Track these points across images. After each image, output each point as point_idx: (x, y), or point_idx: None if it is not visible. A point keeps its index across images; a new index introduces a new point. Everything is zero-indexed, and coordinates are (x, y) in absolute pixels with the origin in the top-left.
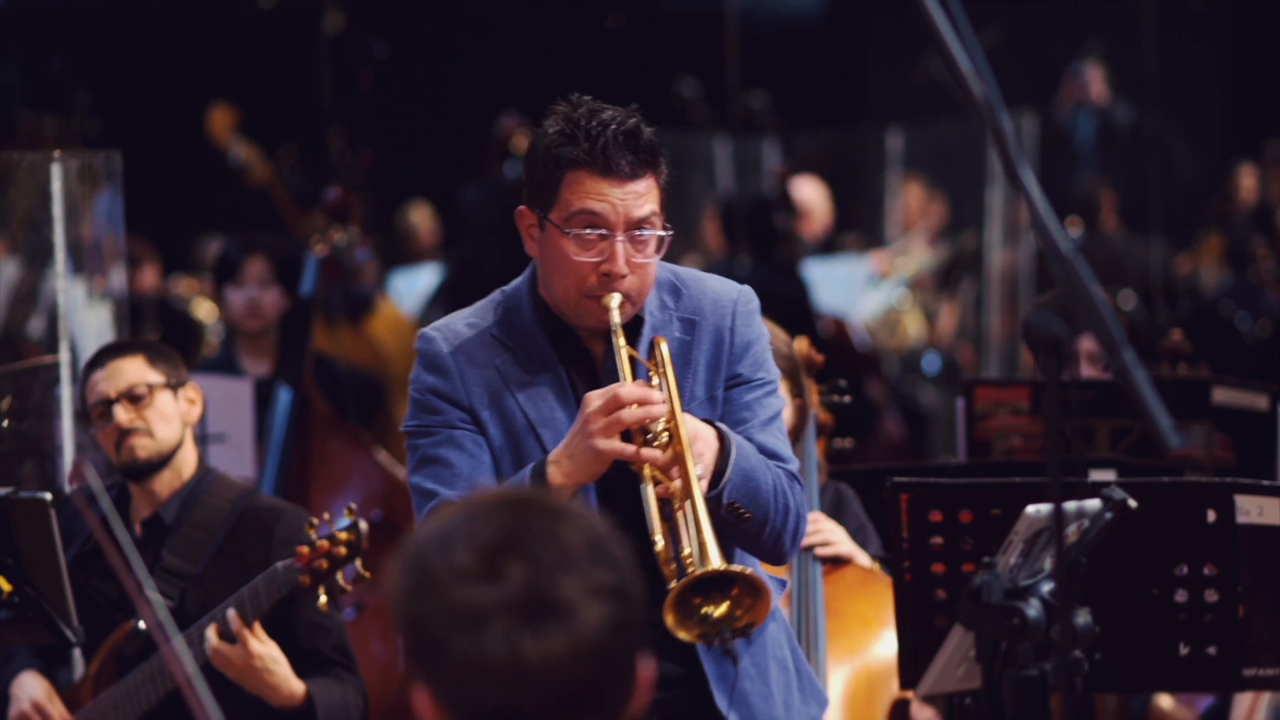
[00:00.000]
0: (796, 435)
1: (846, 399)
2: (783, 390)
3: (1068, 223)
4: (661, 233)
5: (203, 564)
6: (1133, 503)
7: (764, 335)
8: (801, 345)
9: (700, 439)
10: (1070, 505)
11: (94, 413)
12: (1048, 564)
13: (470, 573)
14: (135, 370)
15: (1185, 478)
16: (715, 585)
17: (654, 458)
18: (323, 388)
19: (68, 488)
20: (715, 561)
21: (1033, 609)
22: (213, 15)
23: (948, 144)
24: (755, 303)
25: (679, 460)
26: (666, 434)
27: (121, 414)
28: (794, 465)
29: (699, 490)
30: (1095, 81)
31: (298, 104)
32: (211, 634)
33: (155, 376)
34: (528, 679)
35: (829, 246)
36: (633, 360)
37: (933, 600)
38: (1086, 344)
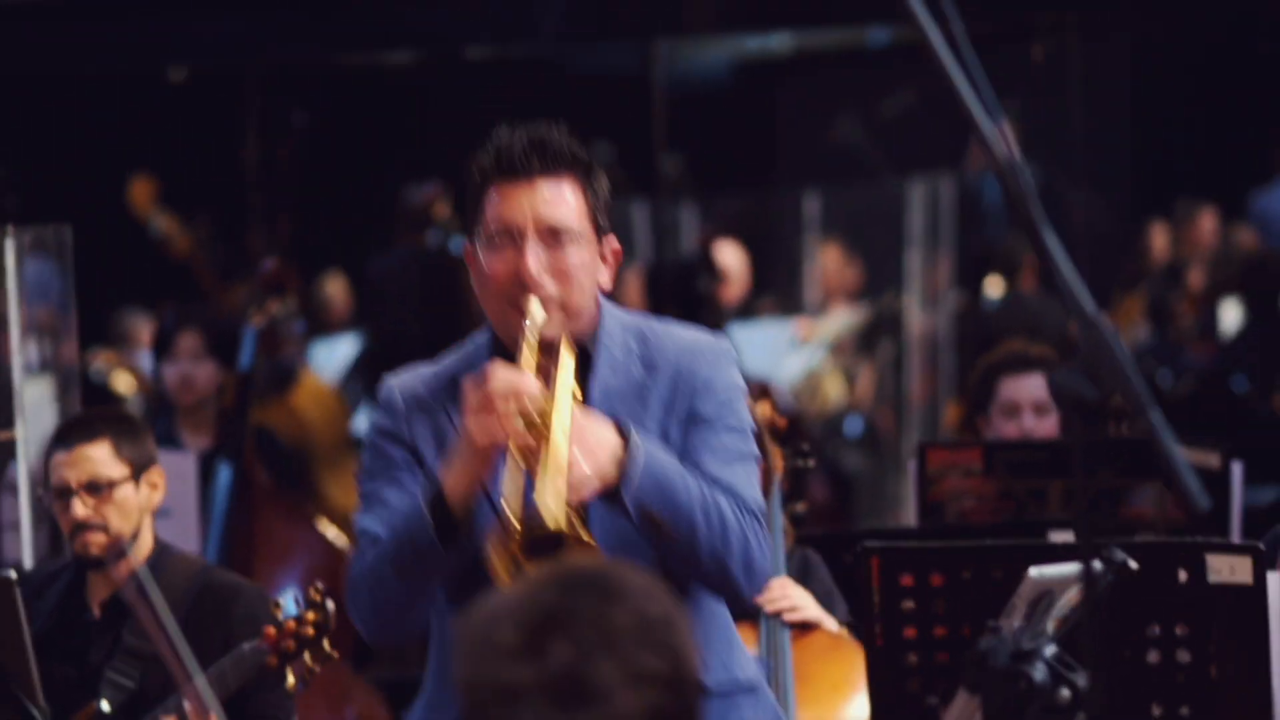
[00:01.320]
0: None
1: (811, 463)
2: None
3: (988, 283)
4: (587, 232)
5: (161, 644)
6: (1133, 564)
7: (734, 384)
8: (764, 408)
9: (591, 435)
10: (1068, 568)
11: (54, 492)
12: (1050, 627)
13: (513, 650)
14: (99, 460)
15: (1145, 539)
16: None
17: (518, 432)
18: (264, 461)
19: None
20: (555, 517)
21: (1039, 672)
22: (131, 87)
23: (864, 206)
24: (728, 351)
25: (549, 448)
26: (539, 418)
27: (79, 507)
28: (751, 502)
29: (563, 469)
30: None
31: (218, 173)
32: None
33: (118, 470)
34: None
35: (747, 310)
36: (540, 365)
37: (904, 665)
38: (1031, 394)
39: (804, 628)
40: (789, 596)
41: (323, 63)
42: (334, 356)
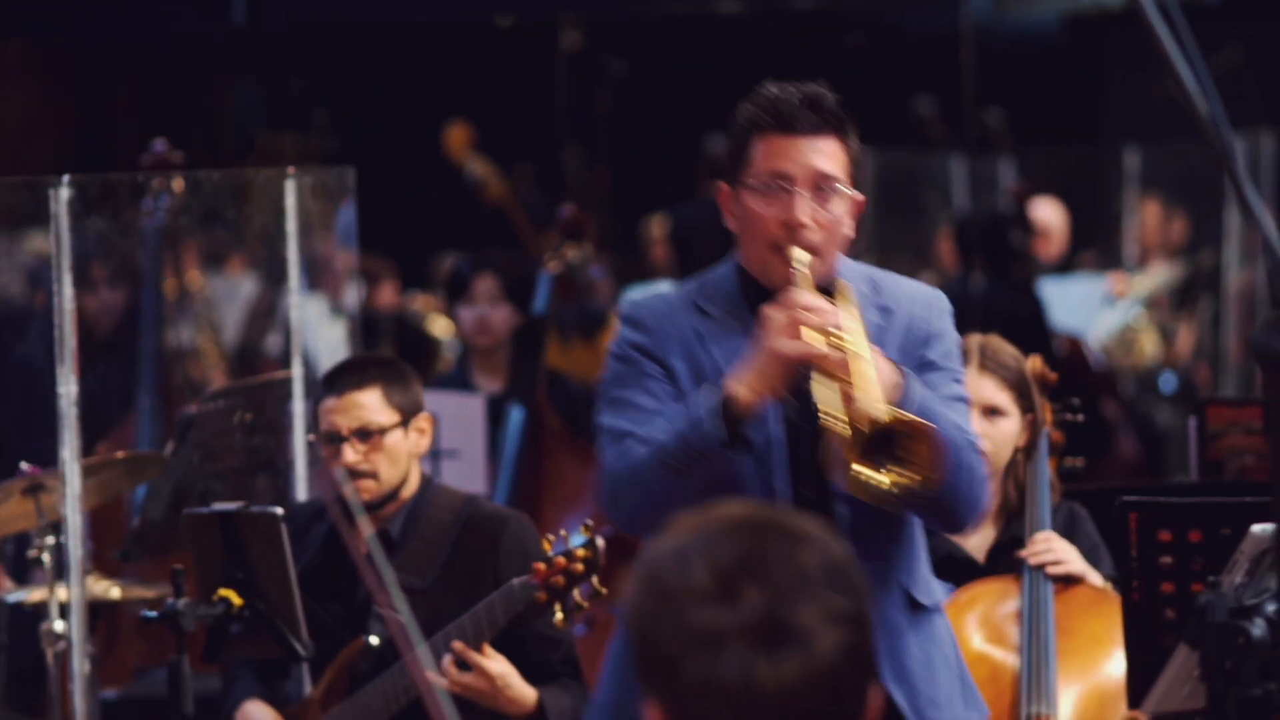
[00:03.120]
0: (1029, 453)
1: (1080, 417)
2: (1013, 405)
3: None
4: (848, 189)
5: (430, 578)
6: None
7: (954, 336)
8: (1035, 363)
9: (878, 359)
10: None
11: (322, 438)
12: (1274, 583)
13: (707, 594)
14: (370, 407)
15: None
16: (884, 449)
17: (833, 356)
18: (555, 405)
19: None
20: (883, 412)
21: (1258, 628)
22: (450, 35)
23: (1186, 163)
24: (949, 306)
25: (855, 365)
26: (848, 344)
27: (350, 453)
28: (978, 441)
29: (875, 388)
30: None
31: (534, 122)
32: (449, 666)
33: (388, 416)
34: (762, 704)
35: (1066, 266)
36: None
37: (1161, 620)
38: None
39: (1068, 581)
40: (1053, 550)
41: (644, 11)
42: None
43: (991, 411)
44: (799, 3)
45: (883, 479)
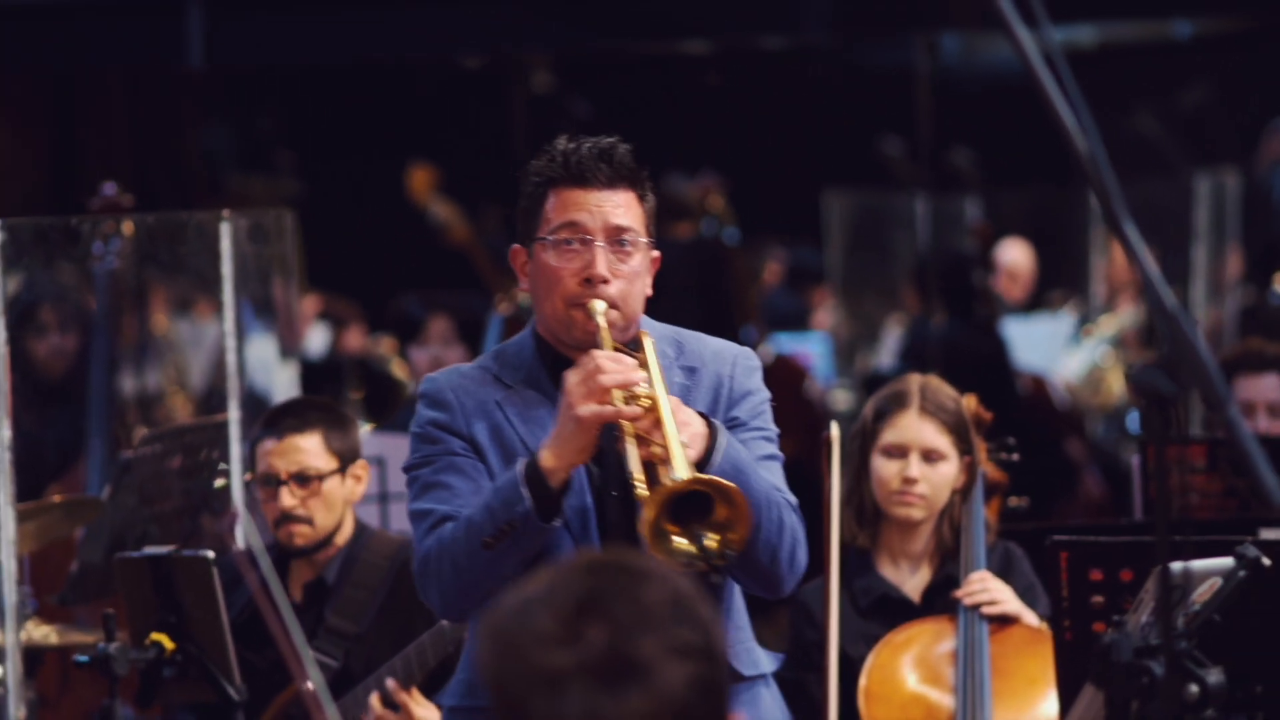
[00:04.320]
0: (965, 493)
1: (1014, 456)
2: (952, 448)
3: (1276, 278)
4: (645, 241)
5: (365, 623)
6: (1266, 560)
7: (764, 391)
8: (970, 402)
9: (684, 412)
10: (1202, 564)
11: (260, 478)
12: (1180, 623)
13: (551, 637)
14: (310, 451)
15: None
16: (692, 510)
17: (633, 414)
18: None
19: (232, 539)
20: (686, 474)
21: (1161, 667)
22: (415, 75)
23: (1151, 200)
24: (756, 362)
25: (659, 425)
26: (649, 402)
27: (287, 497)
28: (793, 500)
29: (679, 448)
30: None
31: (497, 163)
32: (374, 702)
33: (327, 462)
34: None
35: (1034, 305)
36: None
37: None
38: (1266, 394)
39: (1003, 621)
40: (988, 590)
41: (612, 51)
42: None
43: (931, 455)
44: (766, 42)
45: (687, 546)
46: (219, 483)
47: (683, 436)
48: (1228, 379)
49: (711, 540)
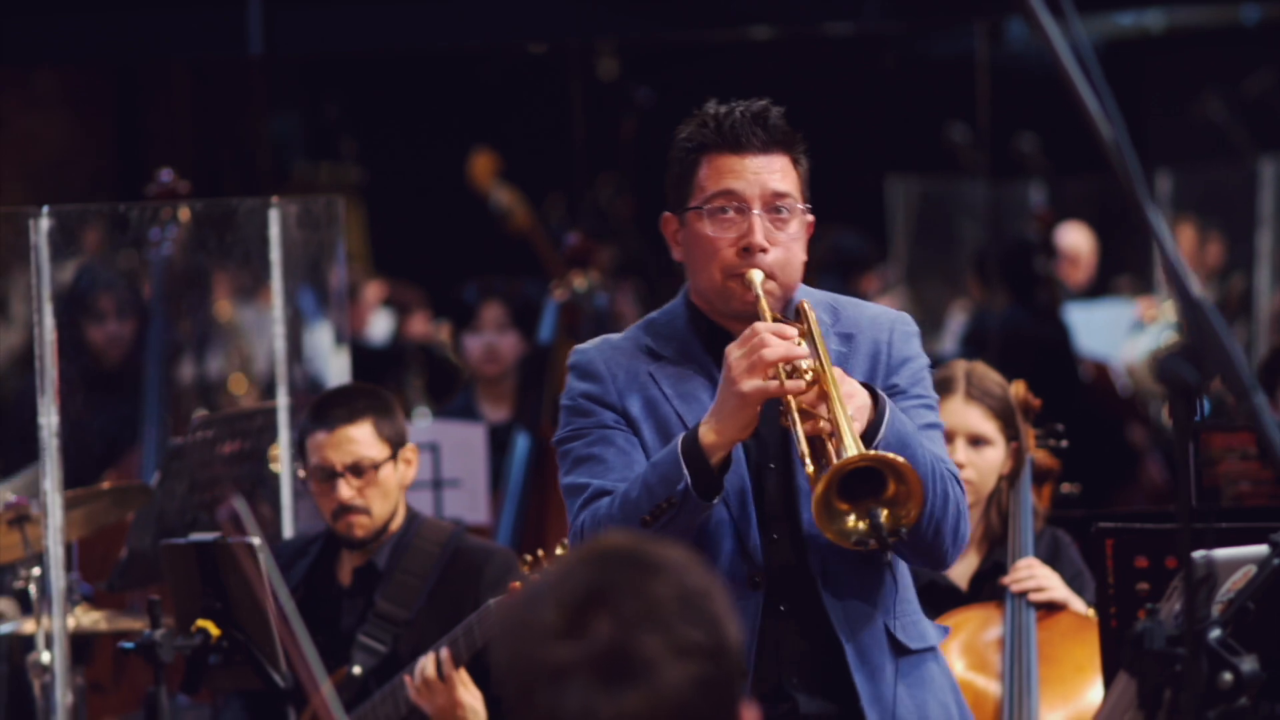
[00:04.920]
0: (1012, 480)
1: (1064, 443)
2: (999, 434)
3: None
4: (802, 207)
5: (415, 609)
6: None
7: (923, 357)
8: (1018, 388)
9: (849, 384)
10: (1233, 552)
11: (313, 473)
12: (1214, 611)
13: (555, 629)
14: (363, 442)
15: None
16: (862, 487)
17: (798, 388)
18: None
19: (231, 529)
20: (857, 450)
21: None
22: (479, 62)
23: (1217, 186)
24: (914, 327)
25: (826, 399)
26: (811, 375)
27: (345, 490)
28: (955, 469)
29: (847, 422)
30: None
31: (558, 150)
32: (429, 664)
33: (380, 451)
34: None
35: (1098, 290)
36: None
37: None
38: None
39: (1051, 608)
40: (1035, 577)
41: (678, 38)
42: None
43: (977, 441)
44: (833, 28)
45: (859, 523)
46: (276, 467)
47: (849, 409)
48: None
49: (885, 517)
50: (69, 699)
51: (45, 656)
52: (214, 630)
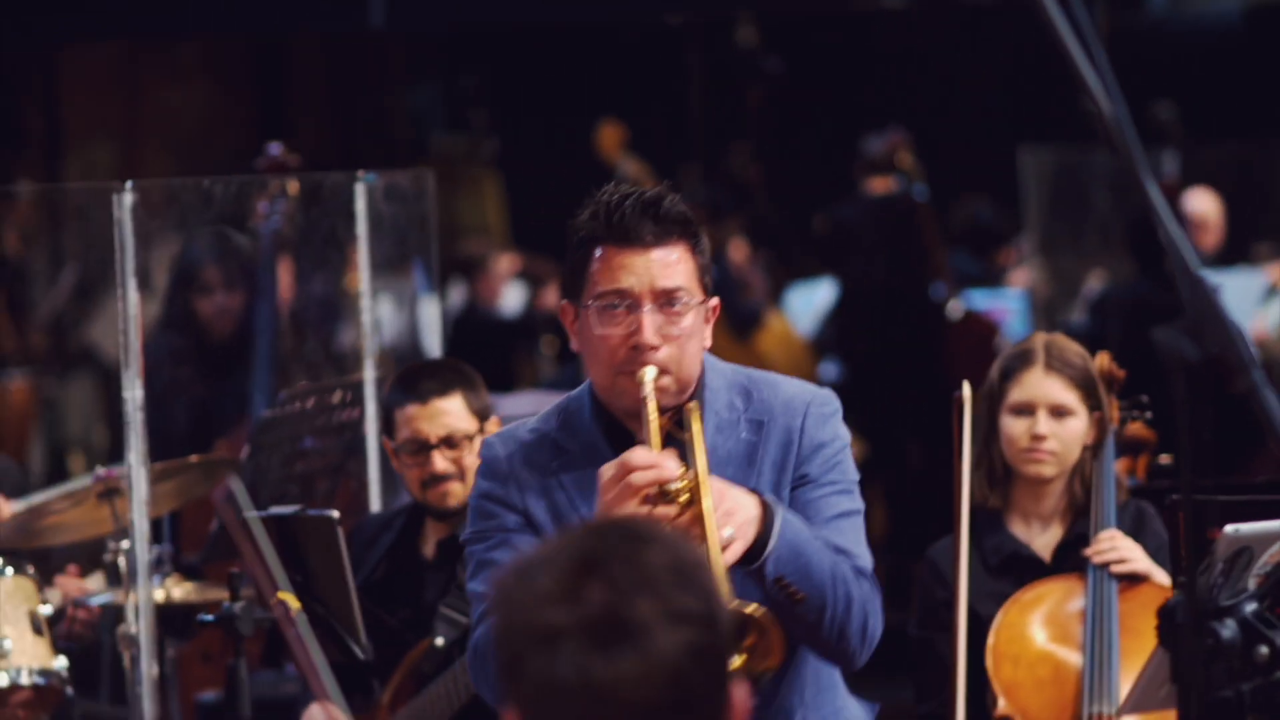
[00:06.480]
0: (1096, 451)
1: (1148, 415)
2: (1080, 404)
3: None
4: (698, 299)
5: None
6: None
7: (840, 438)
8: (1102, 360)
9: (730, 500)
10: (1270, 525)
11: (405, 445)
12: (1251, 584)
13: (550, 595)
14: (455, 415)
15: None
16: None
17: (664, 515)
18: None
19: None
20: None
21: (1228, 630)
22: (615, 33)
23: None
24: (833, 405)
25: (700, 520)
26: (687, 495)
27: (439, 461)
28: (864, 562)
29: (717, 545)
30: None
31: (689, 120)
32: None
33: (470, 424)
34: (599, 700)
35: (1236, 257)
36: (666, 432)
37: None
38: None
39: (1133, 580)
40: (1118, 548)
41: (814, 7)
42: (811, 303)
43: (1059, 411)
44: None
45: None
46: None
47: (729, 527)
48: None
49: (739, 663)
50: (154, 670)
51: (133, 628)
52: (294, 603)
